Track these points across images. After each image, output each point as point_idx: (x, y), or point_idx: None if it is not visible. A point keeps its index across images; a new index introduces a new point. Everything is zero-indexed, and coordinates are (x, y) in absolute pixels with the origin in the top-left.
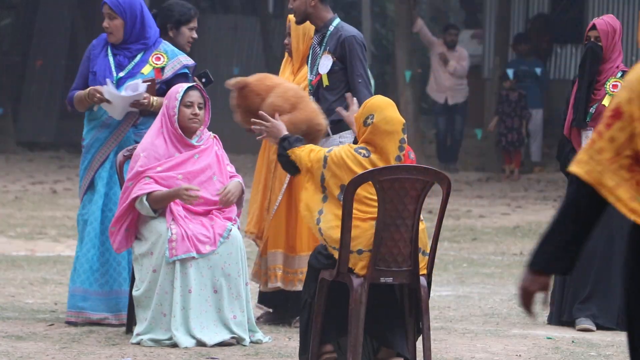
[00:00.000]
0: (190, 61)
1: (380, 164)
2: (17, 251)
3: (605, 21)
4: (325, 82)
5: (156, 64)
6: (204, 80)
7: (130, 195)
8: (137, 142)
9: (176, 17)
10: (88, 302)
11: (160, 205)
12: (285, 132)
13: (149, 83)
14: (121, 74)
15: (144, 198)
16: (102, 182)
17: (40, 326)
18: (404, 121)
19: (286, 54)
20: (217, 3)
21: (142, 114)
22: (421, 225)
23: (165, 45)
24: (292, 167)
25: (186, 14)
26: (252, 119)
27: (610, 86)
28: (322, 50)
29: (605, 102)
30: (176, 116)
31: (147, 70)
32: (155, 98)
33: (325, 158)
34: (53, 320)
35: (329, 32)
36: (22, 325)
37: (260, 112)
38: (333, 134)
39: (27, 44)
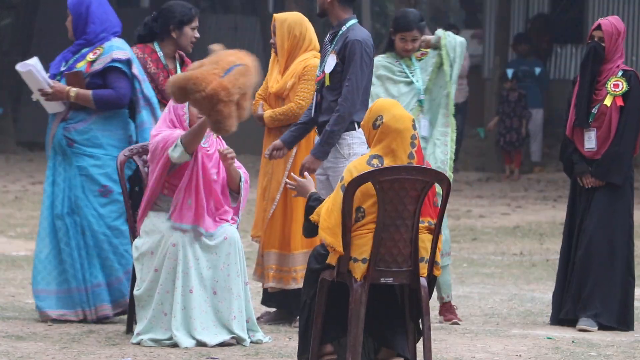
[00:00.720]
0: (124, 55)
1: None
2: (17, 251)
3: (610, 22)
4: (327, 81)
5: (90, 58)
6: None
7: (165, 149)
8: (67, 137)
9: (178, 17)
10: (46, 302)
11: (194, 146)
12: (313, 190)
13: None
14: (63, 68)
15: (179, 141)
16: (47, 182)
17: (40, 326)
18: (412, 117)
19: (273, 53)
20: (217, 3)
21: (72, 107)
22: (428, 236)
23: (112, 41)
24: (310, 229)
25: (188, 14)
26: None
27: (612, 86)
28: (331, 48)
29: (607, 102)
30: (186, 115)
31: (82, 64)
32: (75, 89)
33: (343, 187)
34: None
35: (340, 32)
36: (22, 325)
37: (291, 173)
38: None
39: (27, 44)
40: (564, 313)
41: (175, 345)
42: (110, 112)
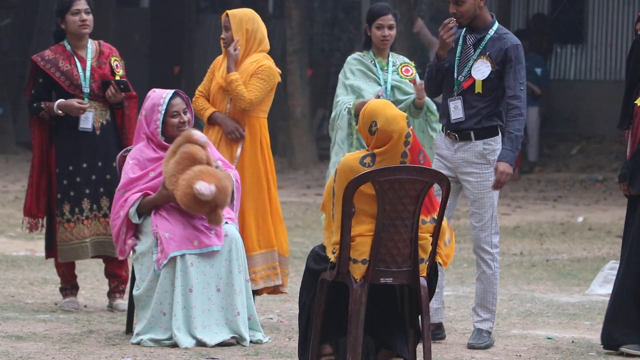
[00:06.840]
0: None
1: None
2: (17, 251)
3: None
4: (479, 89)
5: None
6: (121, 86)
7: (122, 211)
8: None
9: (57, 9)
10: None
11: (147, 210)
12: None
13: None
14: None
15: (134, 209)
16: None
17: (40, 326)
18: (405, 115)
19: (223, 50)
20: (217, 3)
21: None
22: (426, 238)
23: None
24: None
25: (65, 2)
26: None
27: None
28: (477, 53)
29: (639, 101)
30: (159, 129)
31: None
32: None
33: (336, 171)
34: (53, 320)
35: (488, 36)
36: (22, 325)
37: None
38: (475, 139)
39: (27, 44)
40: None
41: (175, 345)
42: None
